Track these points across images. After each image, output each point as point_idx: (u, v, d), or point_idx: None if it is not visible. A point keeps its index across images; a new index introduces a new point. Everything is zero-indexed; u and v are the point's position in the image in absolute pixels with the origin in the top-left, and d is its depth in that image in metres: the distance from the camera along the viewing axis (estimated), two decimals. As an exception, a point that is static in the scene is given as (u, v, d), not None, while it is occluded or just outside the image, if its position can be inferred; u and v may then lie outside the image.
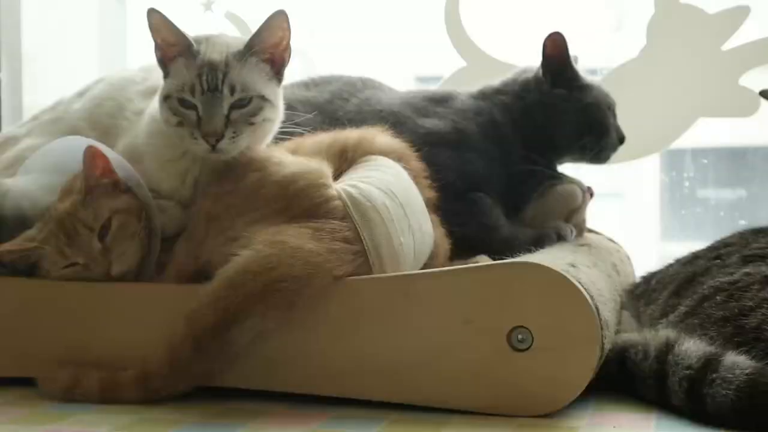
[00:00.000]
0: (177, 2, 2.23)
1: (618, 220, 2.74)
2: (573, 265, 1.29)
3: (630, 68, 2.05)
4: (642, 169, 2.52)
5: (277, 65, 1.45)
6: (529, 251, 1.47)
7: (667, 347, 1.22)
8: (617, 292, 1.50)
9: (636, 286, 1.54)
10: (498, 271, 1.22)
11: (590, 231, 1.94)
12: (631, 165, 2.09)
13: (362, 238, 1.29)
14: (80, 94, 1.70)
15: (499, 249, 1.56)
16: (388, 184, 1.38)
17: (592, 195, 1.81)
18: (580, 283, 1.20)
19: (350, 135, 1.50)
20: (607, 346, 1.24)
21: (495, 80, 1.82)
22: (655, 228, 2.72)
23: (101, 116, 1.62)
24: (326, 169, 1.37)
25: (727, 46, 1.97)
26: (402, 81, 1.86)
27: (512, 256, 1.44)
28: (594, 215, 1.88)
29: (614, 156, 1.85)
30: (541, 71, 1.75)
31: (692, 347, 1.20)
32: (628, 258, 1.91)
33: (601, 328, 1.19)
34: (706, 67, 1.94)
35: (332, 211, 1.31)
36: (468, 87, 1.83)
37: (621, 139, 1.80)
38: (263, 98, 1.41)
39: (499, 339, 1.19)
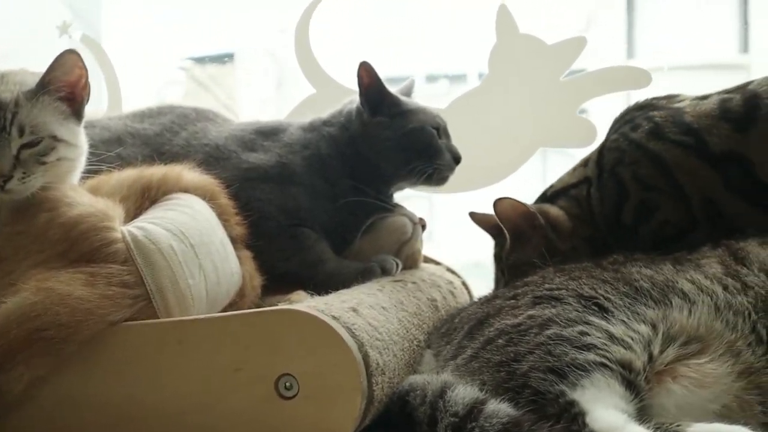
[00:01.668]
0: (34, 25, 2.21)
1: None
2: (354, 309, 1.29)
3: (472, 97, 2.05)
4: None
5: (75, 103, 1.44)
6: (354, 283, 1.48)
7: (442, 392, 1.22)
8: (421, 331, 1.50)
9: (443, 323, 1.54)
10: (265, 318, 1.21)
11: (431, 261, 1.94)
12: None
13: (145, 281, 1.28)
14: None
15: (325, 283, 1.55)
16: (180, 225, 1.37)
17: (424, 227, 1.81)
18: (351, 329, 1.20)
19: (155, 172, 1.49)
20: (383, 392, 1.24)
21: (326, 112, 1.81)
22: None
23: None
24: (113, 211, 1.35)
25: (565, 76, 1.99)
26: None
27: (337, 290, 1.45)
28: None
29: (456, 186, 1.85)
30: (360, 101, 1.75)
31: (462, 393, 1.20)
32: (466, 288, 1.91)
33: (371, 375, 1.19)
34: (546, 98, 1.95)
35: (113, 255, 1.29)
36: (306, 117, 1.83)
37: (456, 159, 1.79)
38: (55, 138, 1.39)
39: (268, 387, 1.19)
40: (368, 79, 1.72)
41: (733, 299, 1.32)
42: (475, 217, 1.87)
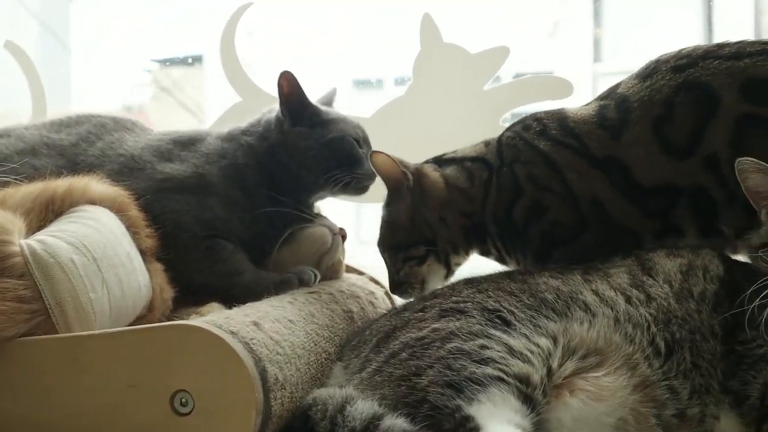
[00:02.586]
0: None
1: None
2: (256, 323, 1.27)
3: (396, 106, 2.05)
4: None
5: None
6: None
7: (342, 407, 1.21)
8: (332, 344, 1.49)
9: (354, 335, 1.53)
10: (160, 333, 1.20)
11: (354, 271, 1.93)
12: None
13: (43, 295, 1.26)
14: None
15: (242, 295, 1.54)
16: (83, 238, 1.35)
17: (344, 237, 1.80)
18: (249, 344, 1.19)
19: (60, 184, 1.46)
20: (284, 407, 1.23)
21: (244, 121, 1.80)
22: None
23: None
24: (12, 224, 1.33)
25: (488, 85, 2.00)
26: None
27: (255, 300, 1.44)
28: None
29: (376, 197, 1.84)
30: (281, 110, 1.74)
31: (361, 408, 1.19)
32: (389, 298, 1.91)
33: (268, 390, 1.18)
34: (469, 106, 1.95)
35: (9, 269, 1.26)
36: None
37: None
38: None
39: (163, 403, 1.17)
40: (289, 89, 1.71)
41: (635, 311, 1.33)
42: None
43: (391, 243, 1.78)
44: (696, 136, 1.52)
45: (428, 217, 1.74)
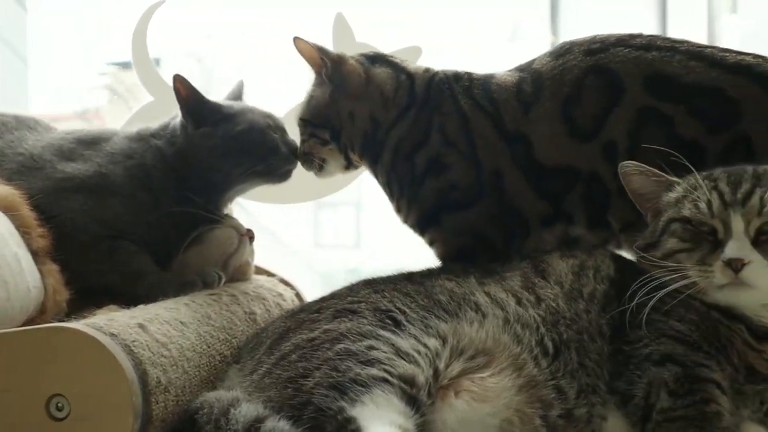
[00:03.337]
0: None
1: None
2: (141, 325, 1.25)
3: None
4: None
5: None
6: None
7: (227, 410, 1.19)
8: (229, 346, 1.47)
9: (252, 338, 1.50)
10: (35, 336, 1.17)
11: (264, 273, 1.91)
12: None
13: None
14: None
15: (145, 297, 1.51)
16: (-35, 239, 1.31)
17: (252, 238, 1.78)
18: (129, 346, 1.16)
19: (-54, 184, 1.43)
20: (168, 410, 1.21)
21: (155, 123, 1.77)
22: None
23: None
24: None
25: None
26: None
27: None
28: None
29: (291, 197, 1.82)
30: (182, 114, 1.71)
31: (245, 411, 1.17)
32: (299, 300, 1.89)
33: (149, 394, 1.15)
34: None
35: None
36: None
37: (294, 151, 1.77)
38: None
39: (38, 408, 1.14)
40: (185, 92, 1.68)
41: (525, 312, 1.33)
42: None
43: (303, 115, 1.79)
44: (599, 120, 1.53)
45: (341, 108, 1.73)
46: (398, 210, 1.71)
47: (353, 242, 3.48)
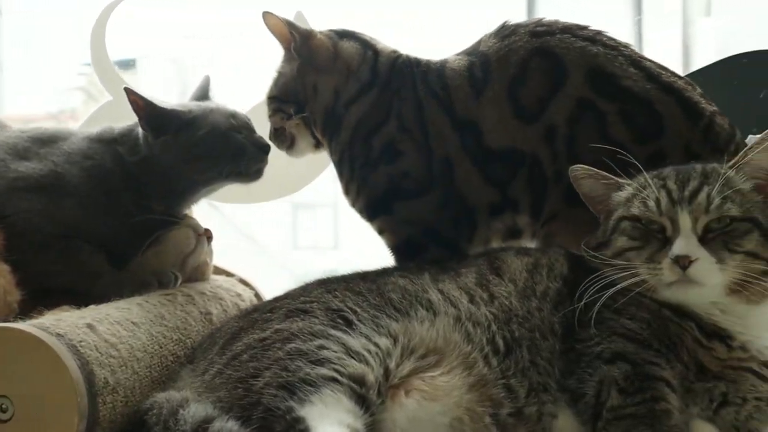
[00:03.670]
0: None
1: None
2: (90, 326, 1.24)
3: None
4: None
5: None
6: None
7: (176, 411, 1.18)
8: (182, 346, 1.45)
9: (207, 338, 1.49)
10: (-23, 337, 1.15)
11: (223, 273, 1.90)
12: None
13: None
14: None
15: (101, 297, 1.49)
16: None
17: (210, 238, 1.76)
18: (76, 347, 1.15)
19: None
20: (116, 411, 1.20)
21: (118, 125, 1.73)
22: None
23: None
24: None
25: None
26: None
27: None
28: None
29: (249, 197, 1.80)
30: (141, 126, 1.66)
31: (193, 411, 1.17)
32: (258, 300, 1.87)
33: (96, 395, 1.14)
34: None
35: None
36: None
37: (263, 149, 1.71)
38: None
39: (-18, 409, 1.12)
40: (140, 103, 1.62)
41: (477, 310, 1.33)
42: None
43: (270, 93, 1.80)
44: (543, 103, 1.55)
45: (307, 81, 1.74)
46: (347, 192, 1.72)
47: (331, 244, 3.48)
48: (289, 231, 3.43)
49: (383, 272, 1.48)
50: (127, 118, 1.72)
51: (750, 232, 1.26)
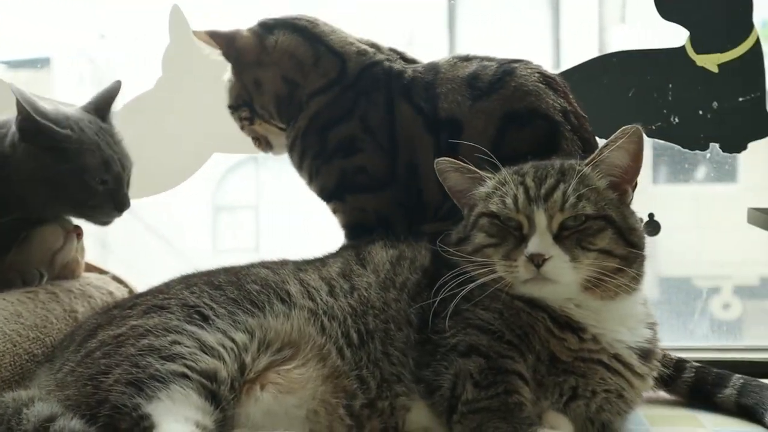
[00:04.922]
0: None
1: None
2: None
3: (146, 100, 1.98)
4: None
5: None
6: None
7: (20, 410, 1.15)
8: (40, 345, 1.42)
9: (67, 336, 1.45)
10: None
11: (96, 270, 1.85)
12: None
13: None
14: None
15: None
16: None
17: (80, 235, 1.72)
18: None
19: None
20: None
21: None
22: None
23: None
24: None
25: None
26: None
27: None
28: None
29: (136, 191, 1.75)
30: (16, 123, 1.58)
31: (37, 410, 1.14)
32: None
33: None
34: (220, 101, 1.87)
35: None
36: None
37: (118, 207, 1.63)
38: None
39: None
40: (19, 106, 1.53)
41: (335, 302, 1.33)
42: None
43: (227, 103, 1.79)
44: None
45: (246, 79, 1.73)
46: (300, 168, 1.72)
47: (252, 246, 3.45)
48: (209, 234, 3.38)
49: (246, 266, 1.45)
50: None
51: (603, 230, 1.27)
